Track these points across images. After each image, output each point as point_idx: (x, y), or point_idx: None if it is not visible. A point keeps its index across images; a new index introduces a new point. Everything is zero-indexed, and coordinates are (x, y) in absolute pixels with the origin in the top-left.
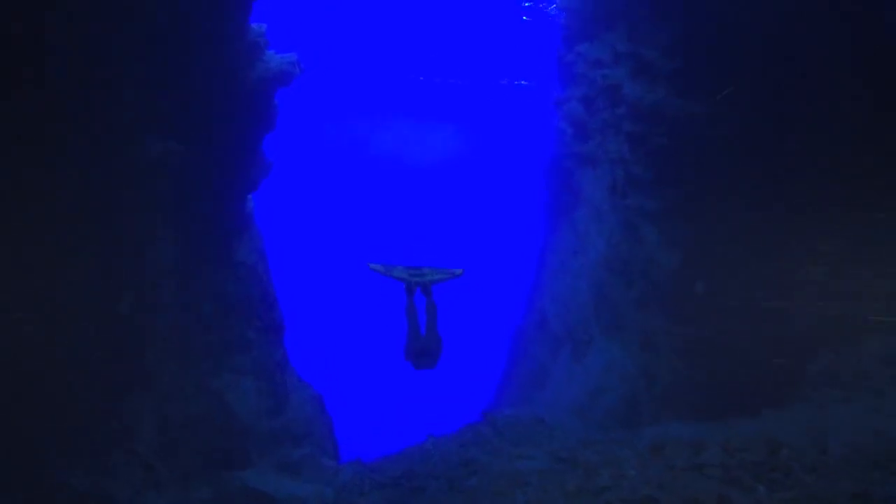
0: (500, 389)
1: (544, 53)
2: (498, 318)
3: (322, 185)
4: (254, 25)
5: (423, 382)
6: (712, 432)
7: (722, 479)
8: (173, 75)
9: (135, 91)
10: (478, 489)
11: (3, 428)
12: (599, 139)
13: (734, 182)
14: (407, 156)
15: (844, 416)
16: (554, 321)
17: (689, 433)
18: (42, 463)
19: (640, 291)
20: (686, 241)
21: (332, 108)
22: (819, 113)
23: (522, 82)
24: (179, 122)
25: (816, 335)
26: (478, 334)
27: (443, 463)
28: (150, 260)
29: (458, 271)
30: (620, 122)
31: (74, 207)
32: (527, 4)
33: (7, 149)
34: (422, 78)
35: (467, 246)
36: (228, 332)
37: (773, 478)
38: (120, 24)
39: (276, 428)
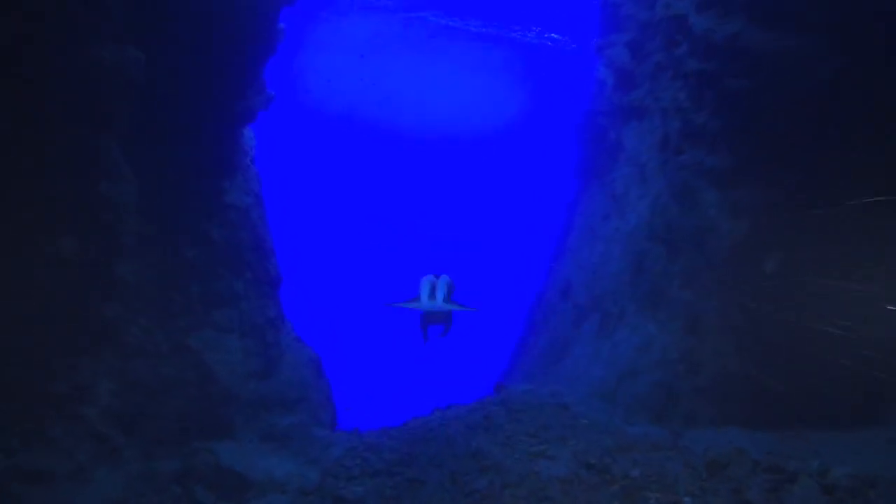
0: (515, 358)
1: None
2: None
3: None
4: None
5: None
6: (789, 449)
7: None
8: None
9: None
10: (487, 497)
11: None
12: (649, 86)
13: (831, 137)
14: (423, 117)
15: None
16: (579, 290)
17: (756, 447)
18: None
19: (688, 264)
20: (756, 208)
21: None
22: None
23: (553, 35)
24: (142, 23)
25: None
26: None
27: (448, 448)
28: (106, 196)
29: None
30: (681, 62)
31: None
32: None
33: None
34: (443, 21)
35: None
36: (213, 283)
37: None
38: None
39: (265, 392)
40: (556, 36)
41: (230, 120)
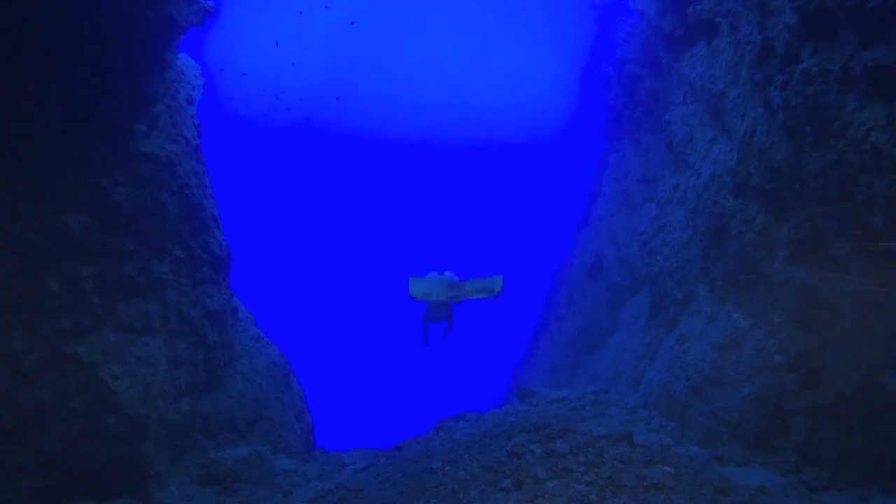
0: (534, 346)
1: None
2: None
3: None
4: None
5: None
6: None
7: None
8: None
9: None
10: None
11: None
12: None
13: None
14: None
15: None
16: (614, 268)
17: None
18: None
19: (805, 226)
20: None
21: None
22: None
23: None
24: None
25: None
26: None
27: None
28: None
29: (498, 285)
30: None
31: None
32: None
33: None
34: None
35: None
36: (117, 264)
37: None
38: None
39: (207, 413)
40: None
41: (142, 31)
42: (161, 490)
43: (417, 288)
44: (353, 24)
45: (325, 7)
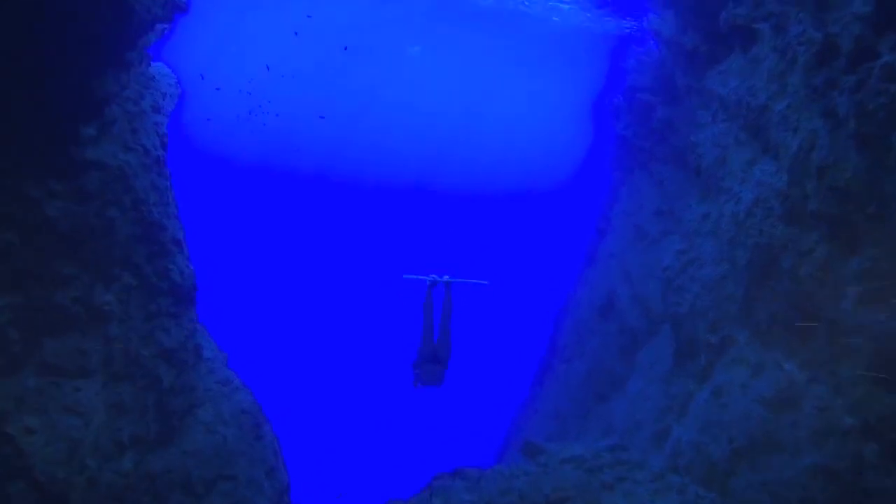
0: (538, 389)
1: None
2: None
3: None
4: None
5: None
6: None
7: None
8: None
9: None
10: None
11: None
12: None
13: None
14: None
15: None
16: (628, 308)
17: None
18: None
19: (882, 258)
20: None
21: None
22: None
23: (563, 6)
24: None
25: None
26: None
27: None
28: None
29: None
30: None
31: None
32: None
33: None
34: None
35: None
36: (46, 291)
37: None
38: None
39: (157, 471)
40: (565, 6)
41: (96, 20)
42: None
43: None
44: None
45: (308, 16)
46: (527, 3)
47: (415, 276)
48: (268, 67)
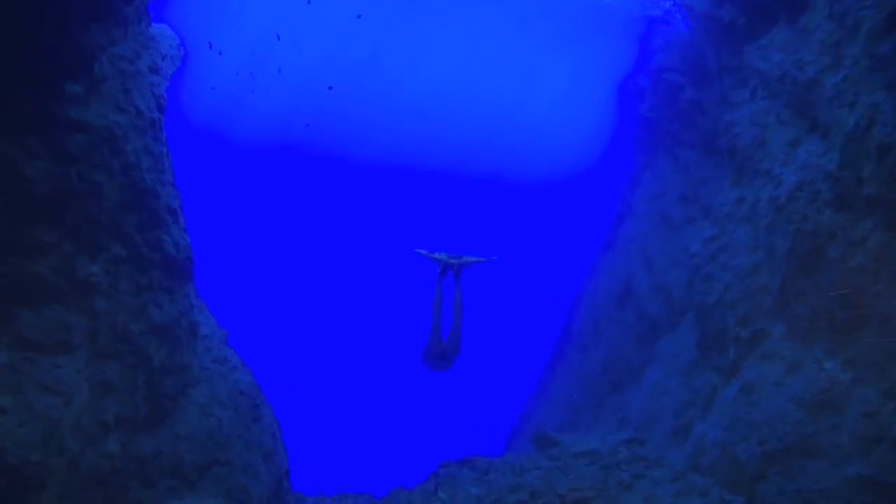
0: (549, 376)
1: None
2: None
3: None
4: None
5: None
6: None
7: None
8: None
9: None
10: None
11: None
12: None
13: None
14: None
15: None
16: (648, 296)
17: None
18: None
19: None
20: None
21: None
22: None
23: None
24: None
25: None
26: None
27: None
28: None
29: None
30: None
31: None
32: None
33: None
34: None
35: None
36: (22, 261)
37: None
38: None
39: (147, 455)
40: None
41: None
42: None
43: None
44: (359, 17)
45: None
46: None
47: (426, 253)
48: (279, 37)
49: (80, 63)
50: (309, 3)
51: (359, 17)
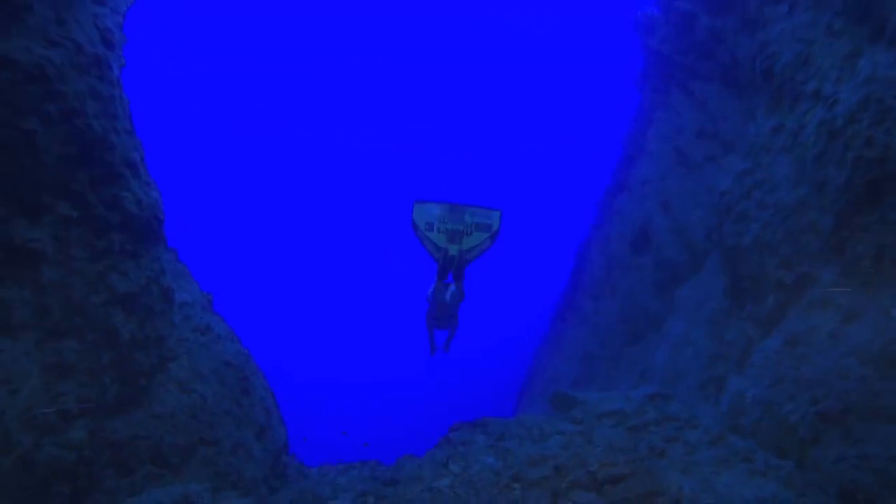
0: (559, 326)
1: None
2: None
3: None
4: None
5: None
6: None
7: None
8: None
9: None
10: None
11: None
12: None
13: None
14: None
15: None
16: (667, 240)
17: None
18: None
19: None
20: None
21: None
22: None
23: None
24: None
25: None
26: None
27: None
28: None
29: (496, 221)
30: None
31: None
32: None
33: None
34: None
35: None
36: None
37: None
38: None
39: (119, 440)
40: None
41: None
42: None
43: (420, 215)
44: None
45: None
46: None
47: (423, 232)
48: None
49: None
50: None
51: None
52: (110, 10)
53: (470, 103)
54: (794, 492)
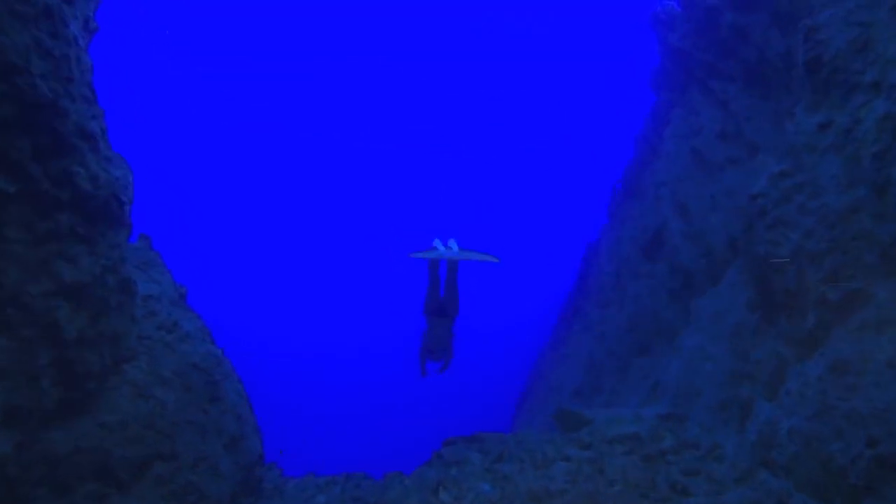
0: (563, 333)
1: None
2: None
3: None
4: None
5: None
6: None
7: None
8: None
9: None
10: None
11: None
12: None
13: None
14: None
15: None
16: (684, 246)
17: None
18: None
19: None
20: None
21: None
22: None
23: None
24: None
25: None
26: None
27: None
28: None
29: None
30: None
31: None
32: None
33: None
34: None
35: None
36: None
37: None
38: None
39: (57, 454)
40: None
41: None
42: None
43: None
44: None
45: None
46: None
47: (422, 255)
48: None
49: None
50: None
51: None
52: None
53: (473, 104)
54: None
